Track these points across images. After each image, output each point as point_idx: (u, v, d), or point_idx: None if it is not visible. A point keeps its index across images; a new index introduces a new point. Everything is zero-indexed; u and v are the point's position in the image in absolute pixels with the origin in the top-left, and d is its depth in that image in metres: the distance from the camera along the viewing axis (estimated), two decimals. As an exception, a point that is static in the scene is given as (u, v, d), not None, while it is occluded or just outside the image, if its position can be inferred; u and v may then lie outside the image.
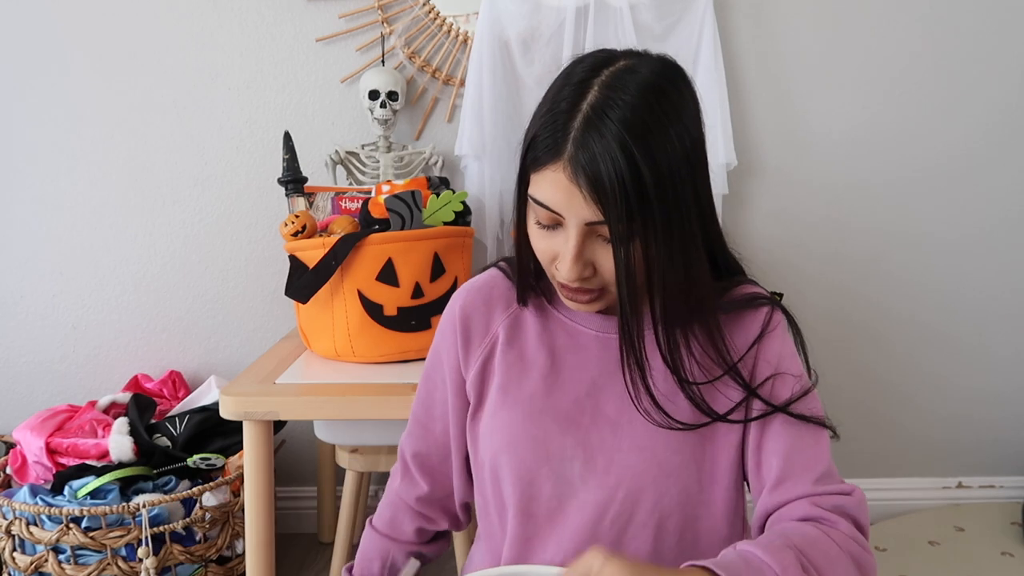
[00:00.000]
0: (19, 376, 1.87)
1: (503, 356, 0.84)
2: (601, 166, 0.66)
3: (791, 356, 0.82)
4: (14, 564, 1.47)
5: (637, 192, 0.67)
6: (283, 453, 1.89)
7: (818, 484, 0.73)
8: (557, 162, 0.69)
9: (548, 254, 0.75)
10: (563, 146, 0.68)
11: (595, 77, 0.70)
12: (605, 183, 0.66)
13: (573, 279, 0.72)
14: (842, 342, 1.90)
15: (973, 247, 1.87)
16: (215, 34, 1.73)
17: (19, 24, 1.71)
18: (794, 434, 0.76)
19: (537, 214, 0.73)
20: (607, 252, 0.71)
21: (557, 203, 0.70)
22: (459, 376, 0.86)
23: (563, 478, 0.79)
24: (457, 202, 1.35)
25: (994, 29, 1.76)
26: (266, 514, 1.24)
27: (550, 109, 0.71)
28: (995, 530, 1.84)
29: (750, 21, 1.73)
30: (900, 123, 1.80)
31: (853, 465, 1.95)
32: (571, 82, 0.72)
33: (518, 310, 0.86)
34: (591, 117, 0.68)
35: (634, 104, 0.68)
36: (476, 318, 0.86)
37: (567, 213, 0.70)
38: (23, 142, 1.76)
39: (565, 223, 0.71)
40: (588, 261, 0.72)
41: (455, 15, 1.72)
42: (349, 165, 1.69)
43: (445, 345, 0.88)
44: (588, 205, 0.68)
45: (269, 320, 1.85)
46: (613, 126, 0.67)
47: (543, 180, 0.70)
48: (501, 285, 0.88)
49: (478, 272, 0.92)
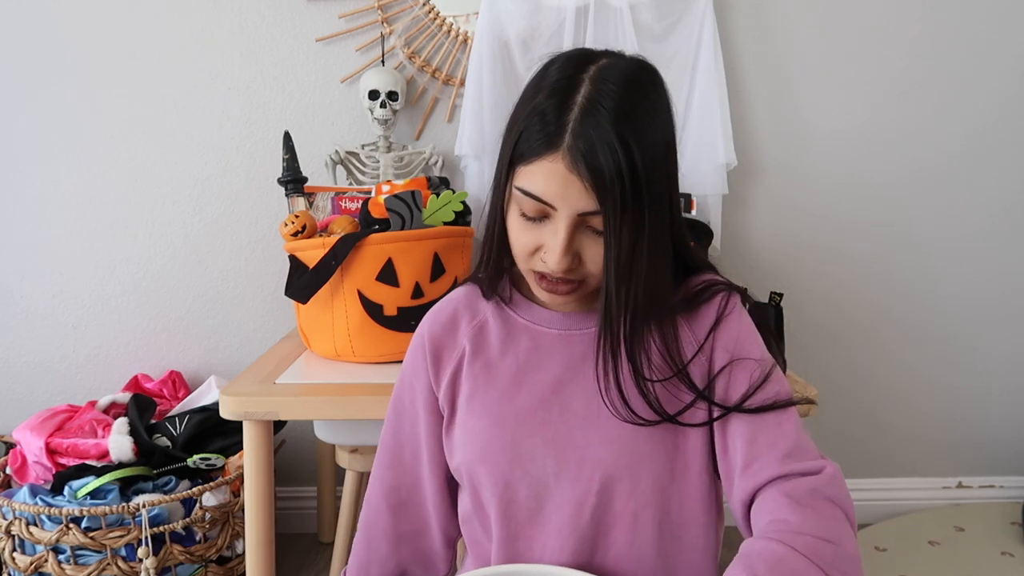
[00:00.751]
0: (19, 376, 1.87)
1: (470, 367, 0.84)
2: (600, 156, 0.68)
3: (749, 338, 0.81)
4: (14, 564, 1.47)
5: (632, 181, 0.69)
6: (283, 453, 1.89)
7: (786, 462, 0.73)
8: (554, 153, 0.70)
9: (530, 247, 0.75)
10: (560, 137, 0.70)
11: (582, 72, 0.72)
12: (604, 172, 0.68)
13: (561, 270, 0.73)
14: (842, 342, 1.90)
15: (974, 247, 1.87)
16: (215, 34, 1.73)
17: (19, 24, 1.71)
18: (756, 415, 0.76)
19: (523, 207, 0.74)
20: (594, 242, 0.73)
21: (552, 193, 0.71)
22: (432, 395, 0.86)
23: (537, 478, 0.79)
24: (457, 202, 1.35)
25: (993, 28, 1.76)
26: (266, 514, 1.24)
27: (536, 105, 0.72)
28: (995, 530, 1.85)
29: (750, 21, 1.73)
30: (900, 123, 1.80)
31: (853, 465, 1.95)
32: (553, 80, 0.73)
33: (481, 320, 0.87)
34: (587, 108, 0.69)
35: (624, 96, 0.70)
36: (443, 337, 0.87)
37: (561, 203, 0.71)
38: (23, 142, 1.76)
39: (555, 215, 0.72)
40: (575, 252, 0.73)
41: (455, 15, 1.72)
42: (349, 165, 1.69)
43: (415, 369, 0.88)
44: (585, 195, 0.70)
45: (269, 320, 1.85)
46: (609, 115, 0.69)
47: (537, 171, 0.71)
48: (462, 299, 0.89)
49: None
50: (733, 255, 1.79)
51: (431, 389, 0.86)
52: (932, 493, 2.00)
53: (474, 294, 0.89)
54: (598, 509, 0.78)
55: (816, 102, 1.78)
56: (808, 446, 0.75)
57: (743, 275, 1.78)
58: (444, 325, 0.87)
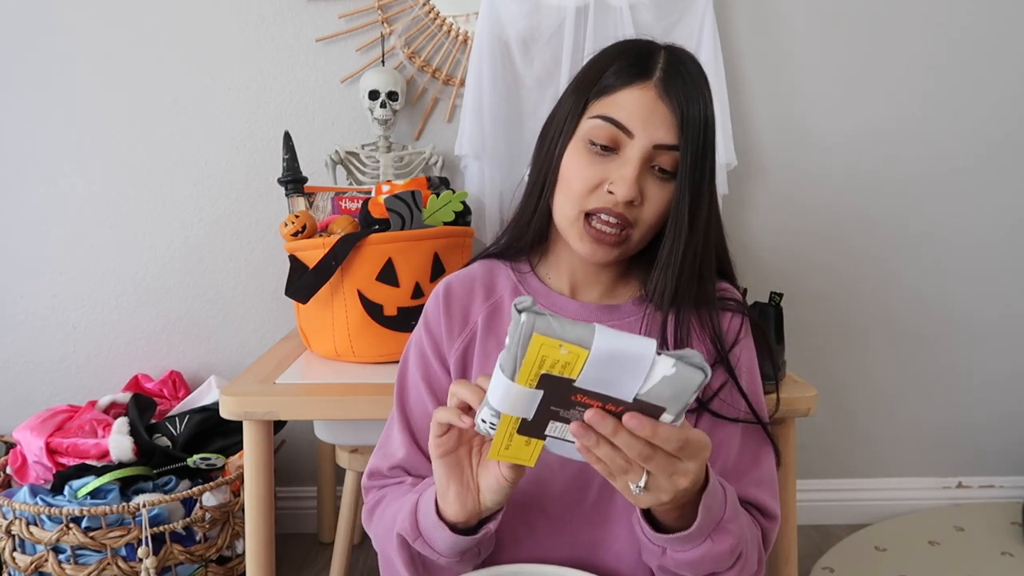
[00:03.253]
0: (19, 376, 1.87)
1: (482, 346, 0.84)
2: (689, 94, 0.75)
3: (754, 371, 0.87)
4: (14, 564, 1.47)
5: (707, 131, 0.75)
6: (283, 453, 1.89)
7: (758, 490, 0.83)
8: (646, 81, 0.75)
9: (593, 180, 0.76)
10: (652, 70, 0.76)
11: (653, 42, 0.80)
12: (690, 109, 0.74)
13: (629, 197, 0.74)
14: (842, 342, 1.90)
15: (975, 247, 1.87)
16: (215, 34, 1.73)
17: (19, 24, 1.71)
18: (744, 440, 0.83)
19: (595, 135, 0.76)
20: (658, 186, 0.76)
21: (636, 118, 0.74)
22: (443, 355, 0.86)
23: (540, 467, 0.79)
24: (457, 202, 1.35)
25: (997, 27, 1.76)
26: (266, 514, 1.24)
27: (621, 49, 0.79)
28: (995, 530, 1.85)
29: (750, 21, 1.73)
30: (900, 123, 1.80)
31: (853, 465, 1.95)
32: (628, 42, 0.80)
33: (497, 301, 0.87)
34: (672, 59, 0.77)
35: (699, 66, 0.79)
36: (457, 303, 0.87)
37: (641, 130, 0.74)
38: (23, 142, 1.76)
39: (628, 145, 0.75)
40: (640, 189, 0.76)
41: (455, 15, 1.72)
42: (349, 165, 1.69)
43: (432, 326, 0.87)
44: (666, 126, 0.74)
45: (269, 320, 1.85)
46: (691, 69, 0.77)
47: (622, 98, 0.75)
48: (479, 275, 0.89)
49: None
50: (733, 255, 1.79)
51: (442, 348, 0.86)
52: (932, 493, 2.00)
53: (490, 272, 0.89)
54: (599, 503, 0.78)
55: (816, 102, 1.78)
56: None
57: (743, 275, 1.77)
58: (460, 293, 0.87)
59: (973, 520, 1.90)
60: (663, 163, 0.75)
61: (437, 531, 0.70)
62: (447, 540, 0.70)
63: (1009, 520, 1.88)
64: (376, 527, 0.83)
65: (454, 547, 0.70)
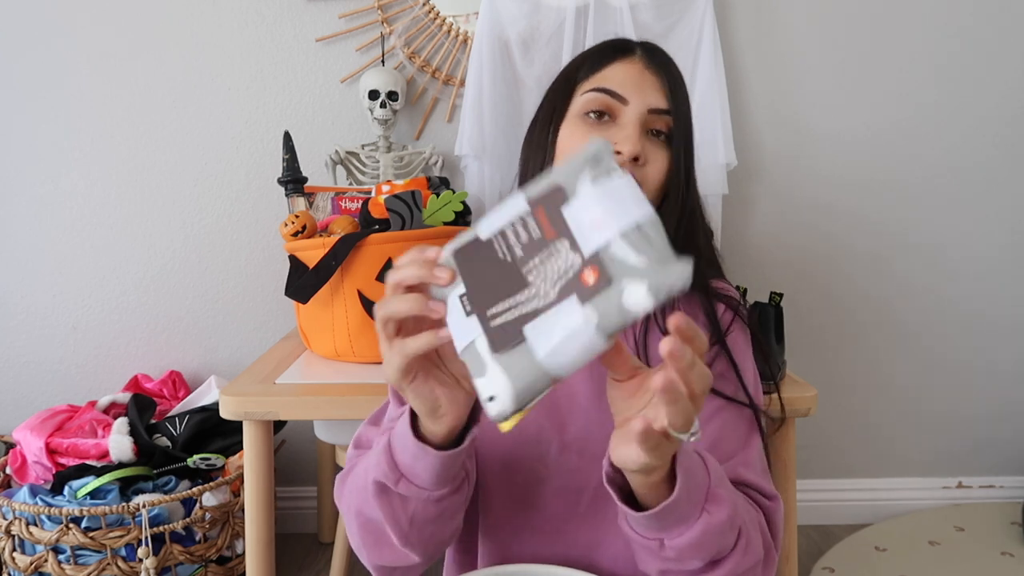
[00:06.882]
0: (19, 376, 1.87)
1: None
2: (670, 64, 0.80)
3: (747, 361, 0.86)
4: (14, 564, 1.47)
5: (687, 105, 0.80)
6: (283, 453, 1.89)
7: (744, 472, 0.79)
8: (629, 55, 0.81)
9: None
10: (632, 49, 0.82)
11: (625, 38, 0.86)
12: (675, 75, 0.80)
13: (635, 153, 0.76)
14: (842, 342, 1.90)
15: (975, 247, 1.87)
16: (215, 34, 1.73)
17: (19, 24, 1.71)
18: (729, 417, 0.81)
19: (590, 106, 0.79)
20: (657, 149, 0.79)
21: (628, 84, 0.78)
22: None
23: (537, 462, 0.79)
24: (457, 202, 1.35)
25: (997, 28, 1.76)
26: (266, 514, 1.24)
27: (594, 47, 0.84)
28: (995, 530, 1.85)
29: (750, 21, 1.73)
30: (901, 123, 1.80)
31: (853, 465, 1.95)
32: (597, 44, 0.85)
33: None
34: (646, 44, 0.83)
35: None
36: None
37: (636, 95, 0.78)
38: (23, 142, 1.76)
39: (624, 112, 0.79)
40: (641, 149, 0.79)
41: (455, 15, 1.72)
42: (349, 165, 1.69)
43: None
44: (657, 92, 0.79)
45: (269, 320, 1.85)
46: (666, 55, 0.82)
47: (610, 72, 0.80)
48: None
49: None
50: (733, 255, 1.79)
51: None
52: (932, 493, 2.00)
53: None
54: (596, 503, 0.78)
55: (817, 101, 1.78)
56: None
57: (743, 275, 1.78)
58: None
59: (973, 520, 1.90)
60: (658, 126, 0.79)
61: (419, 459, 0.63)
62: (433, 466, 0.63)
63: (1009, 520, 1.88)
64: (349, 488, 0.74)
65: (441, 471, 0.63)
